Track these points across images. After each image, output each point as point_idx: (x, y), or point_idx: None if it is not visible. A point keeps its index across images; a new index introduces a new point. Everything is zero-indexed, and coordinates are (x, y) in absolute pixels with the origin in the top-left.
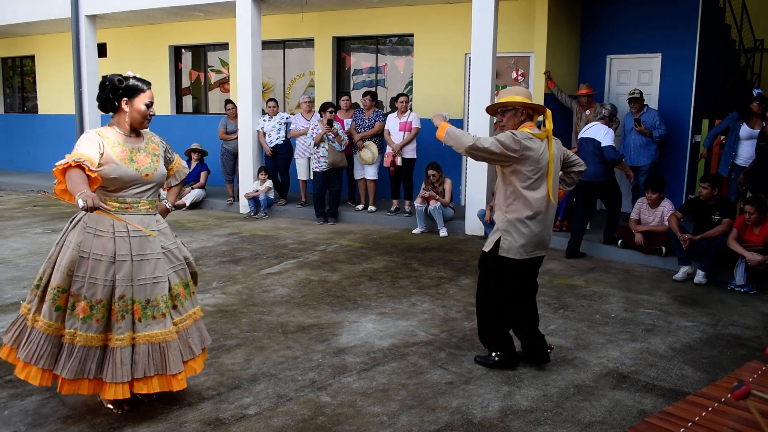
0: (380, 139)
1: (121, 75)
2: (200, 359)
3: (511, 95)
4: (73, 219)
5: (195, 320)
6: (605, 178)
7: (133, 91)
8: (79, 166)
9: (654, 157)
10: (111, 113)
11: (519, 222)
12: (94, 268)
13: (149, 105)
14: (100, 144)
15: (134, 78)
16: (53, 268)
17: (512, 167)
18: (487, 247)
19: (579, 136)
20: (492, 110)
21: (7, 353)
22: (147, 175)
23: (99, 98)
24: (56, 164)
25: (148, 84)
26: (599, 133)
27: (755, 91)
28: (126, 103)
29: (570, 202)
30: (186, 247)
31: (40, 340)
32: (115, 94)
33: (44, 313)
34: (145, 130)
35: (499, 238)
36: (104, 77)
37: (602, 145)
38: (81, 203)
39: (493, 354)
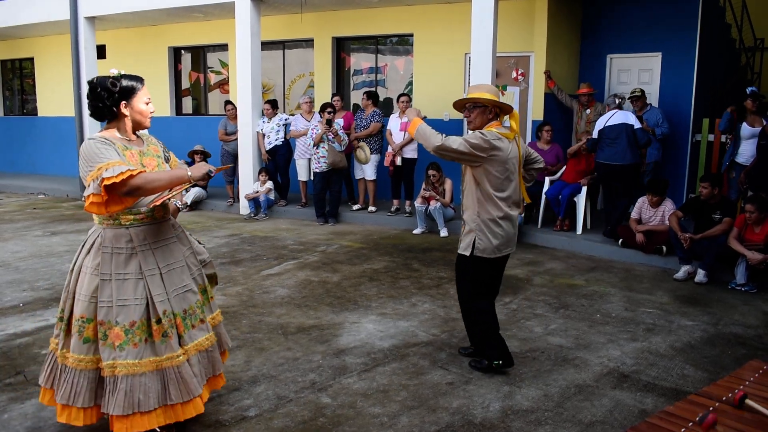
0: (379, 138)
1: (108, 76)
2: (223, 359)
3: (481, 92)
4: (84, 243)
5: (215, 325)
6: (635, 161)
7: (129, 92)
8: (130, 174)
9: (657, 155)
10: (106, 120)
11: (492, 222)
12: (119, 289)
13: (148, 102)
14: (114, 150)
15: (125, 77)
16: (73, 297)
17: (482, 168)
18: (465, 250)
19: (603, 125)
20: (459, 105)
21: (46, 397)
22: None
23: (93, 107)
24: (104, 181)
25: (142, 80)
26: (629, 117)
27: (749, 89)
28: (125, 107)
29: (570, 202)
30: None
31: (73, 378)
32: (111, 99)
33: (73, 348)
34: (143, 131)
35: (474, 238)
36: (92, 82)
37: (635, 127)
38: (198, 174)
39: (495, 363)
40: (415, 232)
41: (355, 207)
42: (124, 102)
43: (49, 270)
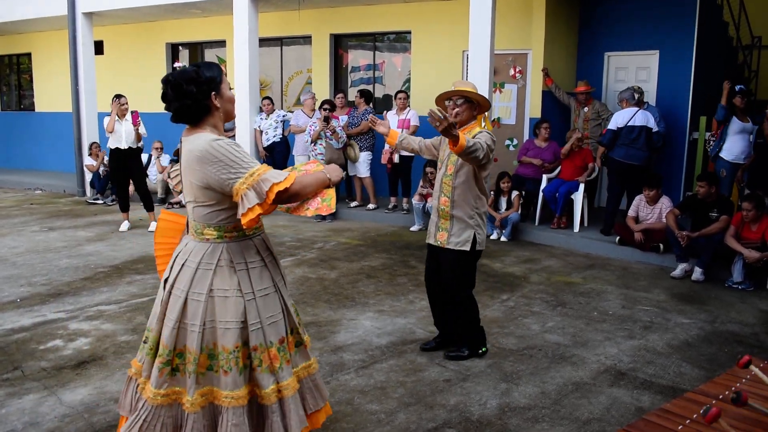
0: (371, 137)
1: (183, 67)
2: None
3: (470, 87)
4: (188, 264)
5: None
6: (648, 164)
7: (216, 80)
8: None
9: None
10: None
11: (485, 215)
12: (265, 306)
13: (231, 87)
14: None
15: (198, 66)
16: (178, 328)
17: (484, 166)
18: (464, 245)
19: (624, 123)
20: (446, 96)
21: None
22: None
23: (179, 108)
24: (274, 187)
25: (218, 65)
26: (650, 120)
27: (737, 87)
28: (216, 98)
29: (567, 199)
30: None
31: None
32: (201, 93)
33: (231, 384)
34: None
35: (474, 234)
36: (173, 81)
37: (654, 130)
38: (337, 177)
39: (481, 350)
40: (412, 229)
41: (353, 204)
42: (214, 93)
43: (46, 266)
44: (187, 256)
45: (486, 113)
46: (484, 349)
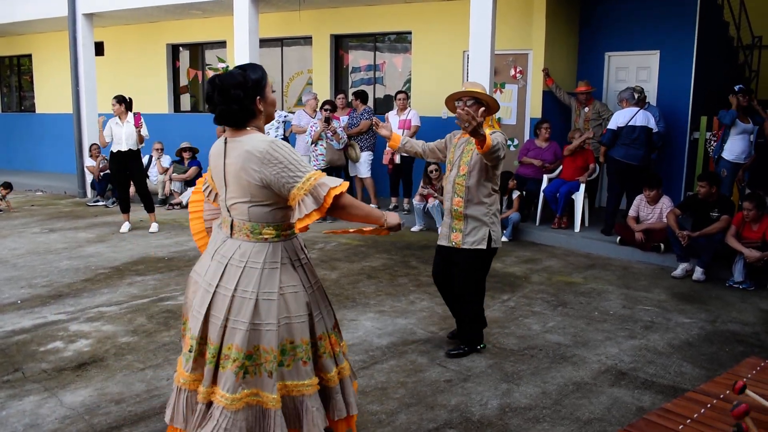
0: (371, 136)
1: (228, 72)
2: None
3: (479, 88)
4: (248, 267)
5: None
6: (647, 164)
7: (262, 84)
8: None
9: (654, 153)
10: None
11: (499, 213)
12: (322, 296)
13: (274, 90)
14: None
15: (244, 68)
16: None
17: (498, 165)
18: (480, 244)
19: (624, 123)
20: (456, 97)
21: None
22: None
23: (224, 111)
24: (332, 191)
25: (262, 67)
26: (650, 121)
27: (737, 87)
28: (260, 102)
29: (568, 199)
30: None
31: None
32: (248, 97)
33: (311, 372)
34: None
35: (489, 232)
36: (219, 83)
37: (654, 131)
38: (393, 223)
39: (480, 346)
40: (413, 229)
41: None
42: (258, 97)
43: (46, 267)
44: (245, 258)
45: (494, 114)
46: (482, 345)
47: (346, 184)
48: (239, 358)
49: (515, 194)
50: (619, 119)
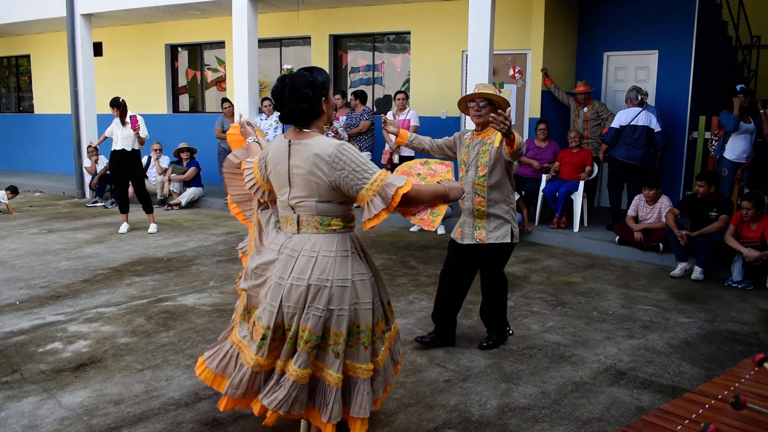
0: (369, 137)
1: (290, 70)
2: None
3: (491, 89)
4: (322, 257)
5: None
6: (650, 164)
7: (327, 85)
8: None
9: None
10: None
11: (515, 209)
12: (380, 285)
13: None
14: None
15: (315, 69)
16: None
17: (512, 163)
18: (505, 238)
19: (627, 122)
20: (469, 99)
21: (215, 381)
22: None
23: (293, 109)
24: (399, 191)
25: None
26: (652, 121)
27: (739, 87)
28: (324, 102)
29: (567, 199)
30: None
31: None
32: (317, 97)
33: (369, 357)
34: None
35: (510, 227)
36: (291, 84)
37: (656, 131)
38: (456, 194)
39: (510, 332)
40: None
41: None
42: (323, 98)
43: (45, 268)
44: (317, 249)
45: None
46: (511, 331)
47: (411, 181)
48: (311, 340)
49: (516, 195)
50: (621, 118)
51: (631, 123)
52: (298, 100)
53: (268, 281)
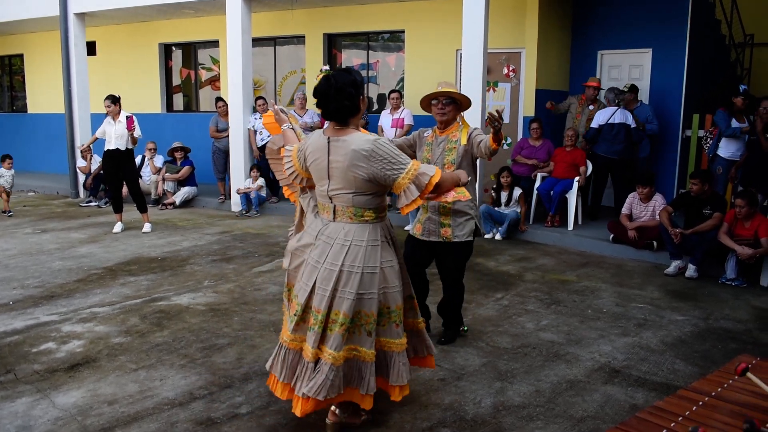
0: None
1: (328, 71)
2: None
3: (453, 87)
4: (353, 246)
5: None
6: (629, 156)
7: (364, 85)
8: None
9: (647, 151)
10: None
11: (476, 203)
12: (405, 273)
13: None
14: None
15: (353, 70)
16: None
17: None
18: (469, 236)
19: (605, 121)
20: (433, 97)
21: (285, 392)
22: None
23: (337, 107)
24: (432, 180)
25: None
26: (628, 118)
27: (742, 87)
28: (362, 100)
29: (561, 198)
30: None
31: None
32: (358, 96)
33: (402, 333)
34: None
35: (474, 223)
36: (336, 82)
37: (632, 126)
38: (466, 179)
39: (463, 329)
40: (407, 228)
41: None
42: (361, 96)
43: (39, 268)
44: (350, 237)
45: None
46: (465, 328)
47: (439, 170)
48: (345, 322)
49: (517, 191)
50: (600, 118)
51: (609, 121)
52: (343, 98)
53: (305, 263)
